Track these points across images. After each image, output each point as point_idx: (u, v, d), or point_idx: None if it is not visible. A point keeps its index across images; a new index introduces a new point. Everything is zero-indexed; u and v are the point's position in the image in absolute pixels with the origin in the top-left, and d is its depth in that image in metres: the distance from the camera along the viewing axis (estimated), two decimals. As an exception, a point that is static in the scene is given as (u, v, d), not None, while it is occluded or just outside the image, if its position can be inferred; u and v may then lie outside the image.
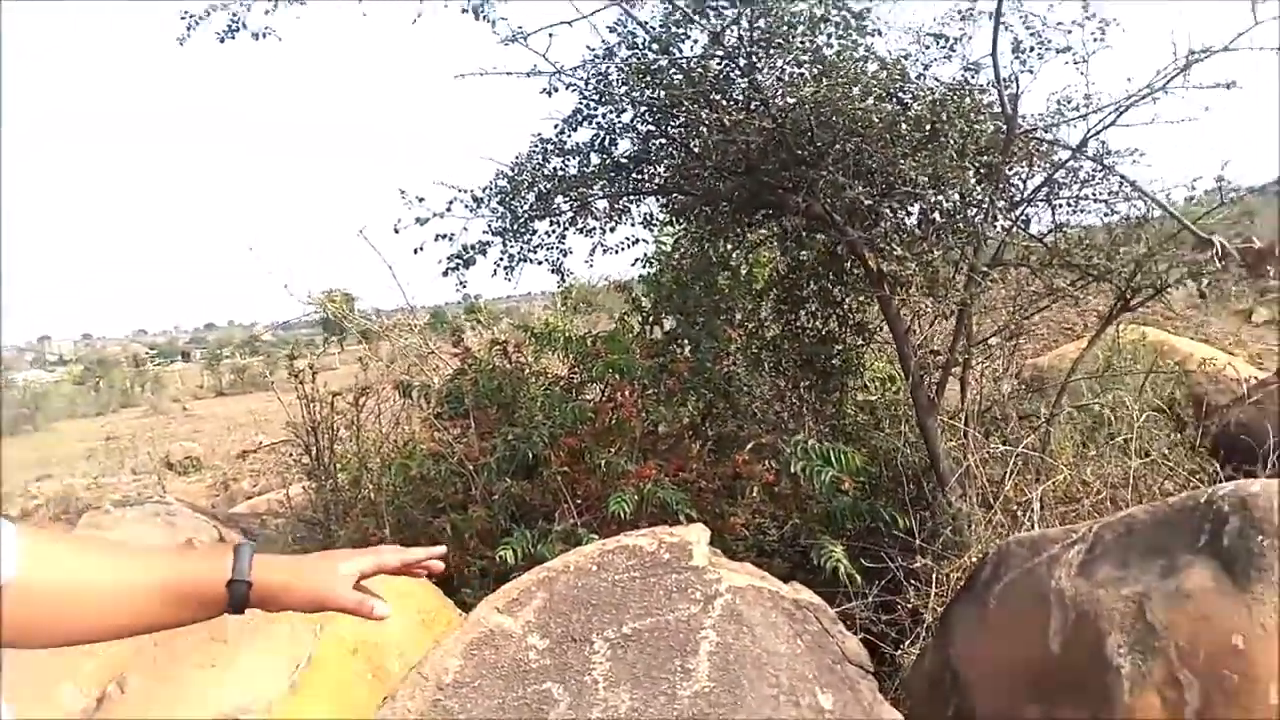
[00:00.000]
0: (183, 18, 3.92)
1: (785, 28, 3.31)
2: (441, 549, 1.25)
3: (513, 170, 4.16)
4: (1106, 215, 4.13)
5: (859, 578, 3.67)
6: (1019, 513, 3.75)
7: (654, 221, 4.79)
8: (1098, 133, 3.81)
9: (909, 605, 3.41)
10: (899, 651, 3.32)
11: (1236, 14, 3.43)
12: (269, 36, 4.09)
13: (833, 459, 3.95)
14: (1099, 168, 3.98)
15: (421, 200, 4.28)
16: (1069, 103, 3.88)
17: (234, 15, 3.95)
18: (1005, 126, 3.61)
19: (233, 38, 4.02)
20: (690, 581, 2.33)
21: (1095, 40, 3.75)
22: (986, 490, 3.92)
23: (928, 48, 3.73)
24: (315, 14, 4.24)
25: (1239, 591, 2.19)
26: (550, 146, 4.12)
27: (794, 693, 2.12)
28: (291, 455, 5.71)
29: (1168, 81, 3.56)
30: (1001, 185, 3.83)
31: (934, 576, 3.39)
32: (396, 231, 4.43)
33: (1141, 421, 4.00)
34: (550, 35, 3.46)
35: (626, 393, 4.44)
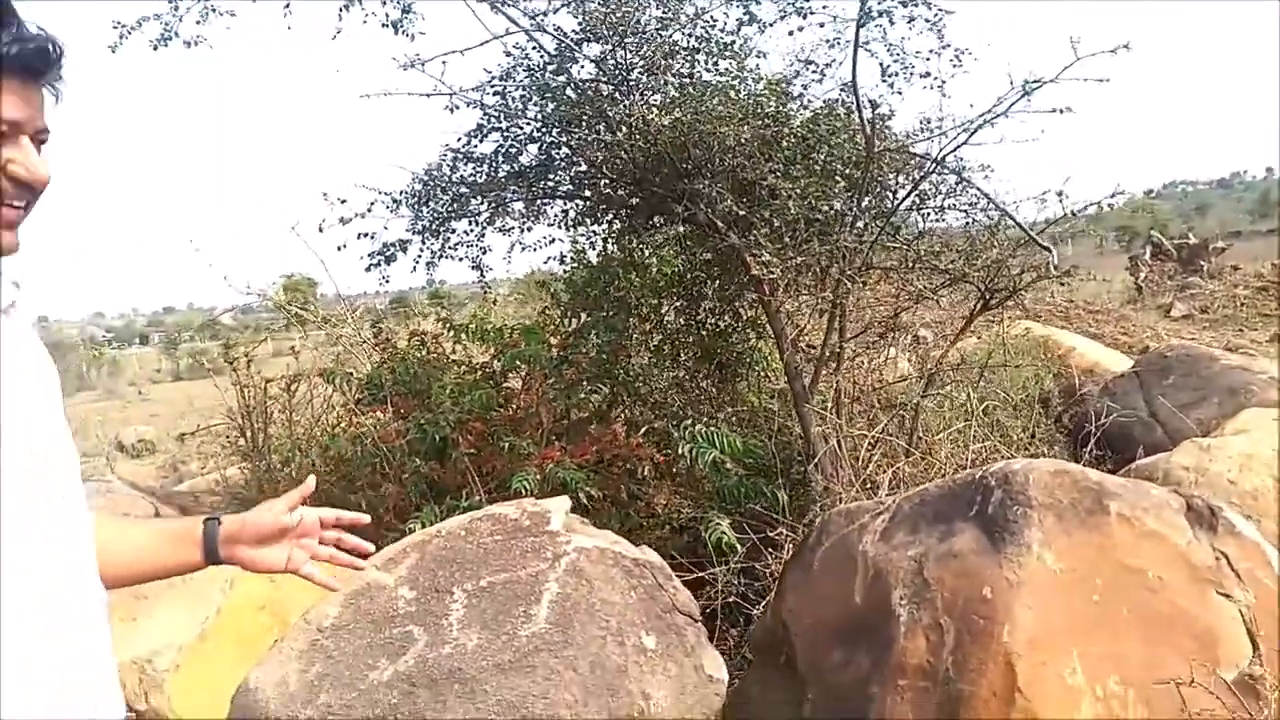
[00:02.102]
0: (115, 26, 4.21)
1: (663, 57, 3.71)
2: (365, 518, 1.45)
3: (425, 175, 4.53)
4: (967, 224, 4.58)
5: (739, 548, 4.11)
6: (877, 491, 4.20)
7: (567, 221, 5.17)
8: (954, 150, 4.25)
9: (769, 571, 3.84)
10: (755, 611, 3.75)
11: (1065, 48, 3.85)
12: (200, 44, 4.40)
13: (715, 441, 4.38)
14: (958, 181, 4.42)
15: (344, 202, 4.63)
16: (929, 122, 4.32)
17: (166, 25, 4.24)
18: (866, 144, 4.02)
19: (165, 45, 4.31)
20: (544, 544, 2.74)
21: (954, 65, 4.20)
22: (853, 471, 4.36)
23: (798, 74, 4.14)
24: (245, 25, 4.52)
25: (995, 551, 2.64)
26: (458, 155, 4.49)
27: (621, 634, 2.53)
28: (229, 438, 6.05)
29: (1009, 107, 3.99)
30: (867, 197, 4.25)
31: (790, 545, 3.82)
32: (321, 231, 4.77)
33: (989, 409, 4.46)
34: (444, 63, 3.82)
35: (536, 381, 4.84)
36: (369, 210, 4.76)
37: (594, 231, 5.11)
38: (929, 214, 4.69)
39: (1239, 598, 2.61)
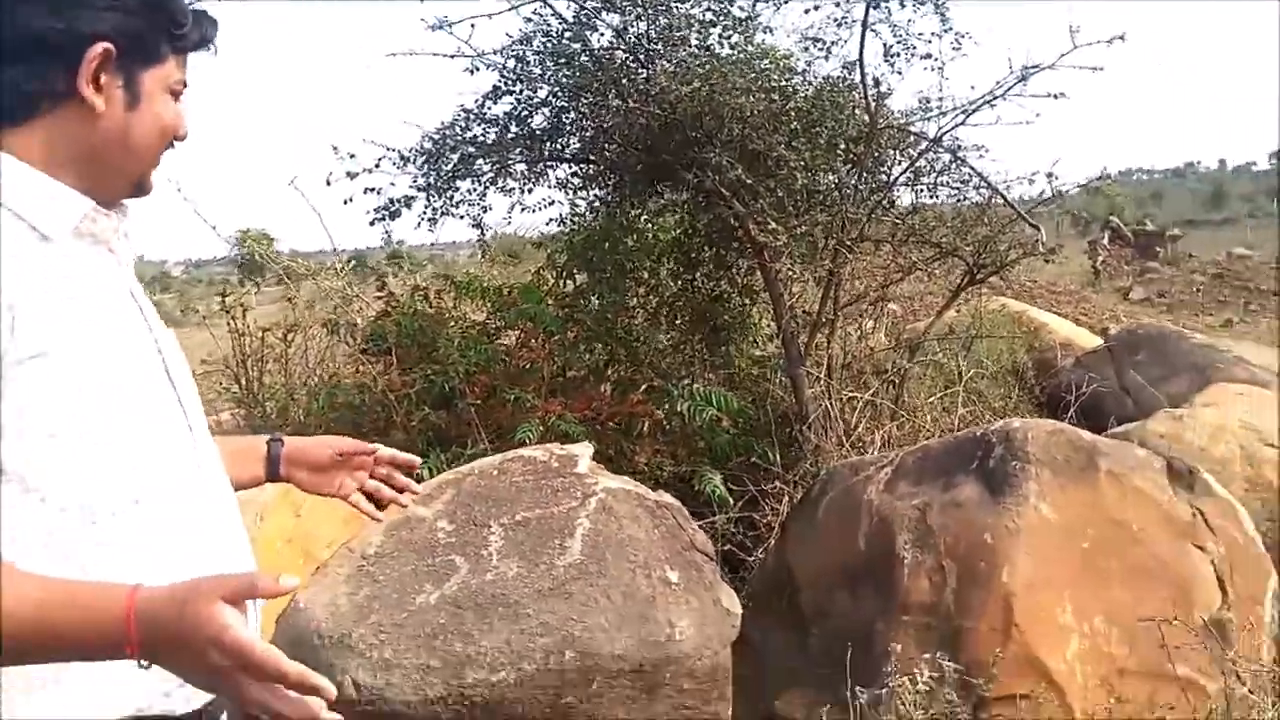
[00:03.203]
0: None
1: (680, 29, 3.84)
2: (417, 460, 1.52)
3: (437, 134, 4.62)
4: (959, 201, 4.78)
5: (731, 501, 4.31)
6: (866, 449, 4.41)
7: (569, 185, 5.28)
8: (951, 130, 4.44)
9: (765, 521, 4.04)
10: (752, 558, 3.95)
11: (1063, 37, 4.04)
12: None
13: (713, 400, 4.55)
14: (952, 159, 4.62)
15: (353, 156, 4.70)
16: (928, 102, 4.50)
17: None
18: (869, 121, 4.20)
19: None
20: (573, 484, 2.90)
21: (954, 48, 4.38)
22: (843, 431, 4.57)
23: (806, 49, 4.30)
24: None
25: (995, 502, 2.85)
26: (472, 116, 4.59)
27: (648, 567, 2.70)
28: (220, 385, 6.09)
29: (1006, 90, 4.19)
30: (866, 172, 4.43)
31: (787, 497, 4.03)
32: (329, 184, 4.83)
33: (970, 377, 4.69)
34: (472, 25, 3.93)
35: (537, 339, 4.97)
36: (377, 166, 4.84)
37: (596, 195, 5.23)
38: (922, 190, 4.88)
39: (1212, 550, 2.86)
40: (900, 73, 4.43)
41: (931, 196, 4.86)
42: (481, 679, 2.38)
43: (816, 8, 4.09)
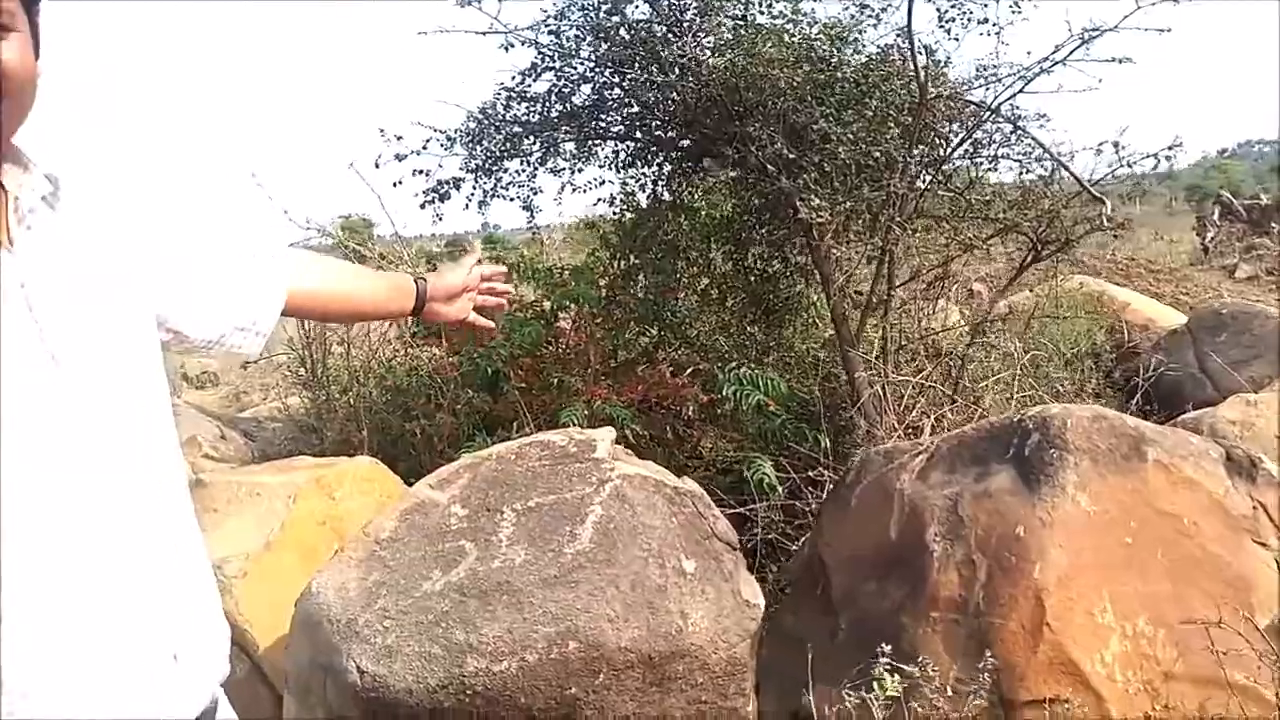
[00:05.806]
0: None
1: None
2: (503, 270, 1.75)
3: (480, 114, 4.59)
4: (1022, 174, 4.54)
5: (780, 488, 4.20)
6: (920, 435, 4.24)
7: (616, 163, 5.21)
8: (1009, 98, 4.21)
9: (809, 508, 3.93)
10: (794, 546, 3.85)
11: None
12: None
13: (759, 384, 4.44)
14: (1013, 129, 4.38)
15: (400, 139, 4.72)
16: (985, 69, 4.27)
17: None
18: (919, 91, 4.01)
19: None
20: (590, 469, 2.85)
21: (1013, 12, 4.15)
22: (896, 416, 4.41)
23: (853, 17, 4.12)
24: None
25: (1029, 492, 2.69)
26: (512, 94, 4.55)
27: (661, 556, 2.64)
28: (290, 368, 6.26)
29: (1067, 55, 3.94)
30: (919, 144, 4.24)
31: (830, 485, 3.90)
32: (377, 167, 4.86)
33: (1031, 362, 4.47)
34: (499, 0, 3.88)
35: (585, 321, 4.93)
36: (424, 148, 4.85)
37: (644, 174, 5.15)
38: (983, 163, 4.66)
39: (1274, 546, 2.64)
40: (957, 39, 4.23)
41: (993, 169, 4.64)
42: (482, 668, 2.36)
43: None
